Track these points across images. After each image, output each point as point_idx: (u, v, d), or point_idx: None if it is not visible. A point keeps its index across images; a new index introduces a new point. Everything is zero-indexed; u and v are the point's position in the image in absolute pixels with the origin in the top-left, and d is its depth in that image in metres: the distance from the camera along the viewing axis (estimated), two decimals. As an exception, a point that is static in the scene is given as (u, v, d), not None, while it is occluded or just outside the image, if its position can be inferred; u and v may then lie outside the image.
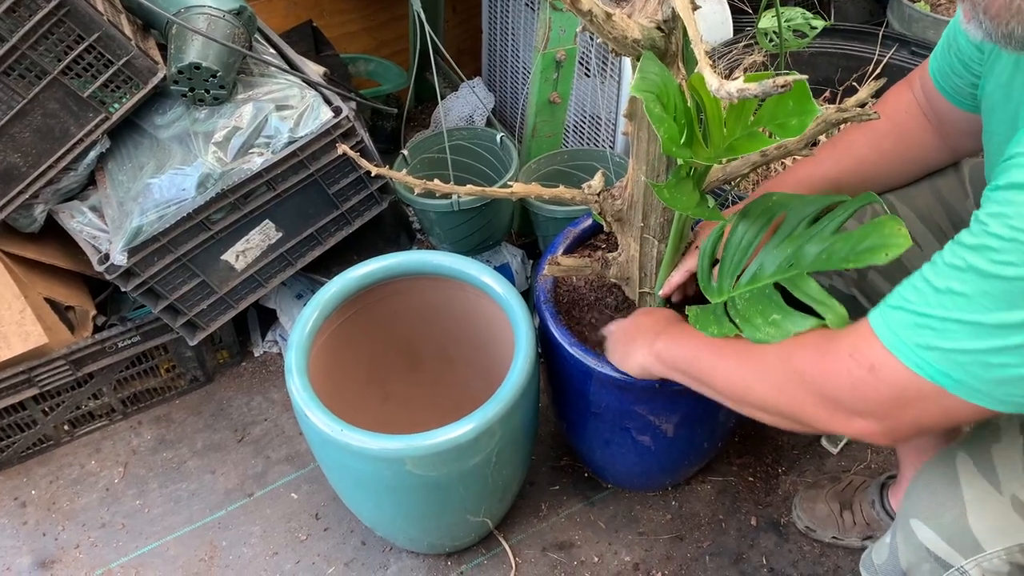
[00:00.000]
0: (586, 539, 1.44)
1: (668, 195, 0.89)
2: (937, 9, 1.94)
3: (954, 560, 0.84)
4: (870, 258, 0.82)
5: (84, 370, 1.54)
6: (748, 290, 0.95)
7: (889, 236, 0.82)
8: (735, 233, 1.00)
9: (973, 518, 0.82)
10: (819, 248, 0.90)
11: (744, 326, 0.90)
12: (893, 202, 1.11)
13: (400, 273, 1.32)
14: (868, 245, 0.83)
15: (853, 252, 0.85)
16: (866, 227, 0.84)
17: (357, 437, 1.08)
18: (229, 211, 1.45)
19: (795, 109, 0.79)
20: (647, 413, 1.21)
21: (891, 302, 0.76)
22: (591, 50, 1.68)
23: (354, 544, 1.45)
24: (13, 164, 1.39)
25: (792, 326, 0.86)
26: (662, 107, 0.82)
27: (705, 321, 0.95)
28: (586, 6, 0.78)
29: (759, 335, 0.87)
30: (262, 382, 1.75)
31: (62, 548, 1.48)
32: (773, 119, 0.81)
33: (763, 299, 0.92)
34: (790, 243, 0.93)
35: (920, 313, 0.72)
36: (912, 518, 0.87)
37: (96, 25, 1.30)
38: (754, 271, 0.96)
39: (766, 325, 0.88)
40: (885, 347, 0.74)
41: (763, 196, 0.99)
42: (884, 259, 0.80)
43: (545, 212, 1.56)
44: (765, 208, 0.99)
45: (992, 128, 0.89)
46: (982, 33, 0.73)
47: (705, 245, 1.02)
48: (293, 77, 1.51)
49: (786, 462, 1.55)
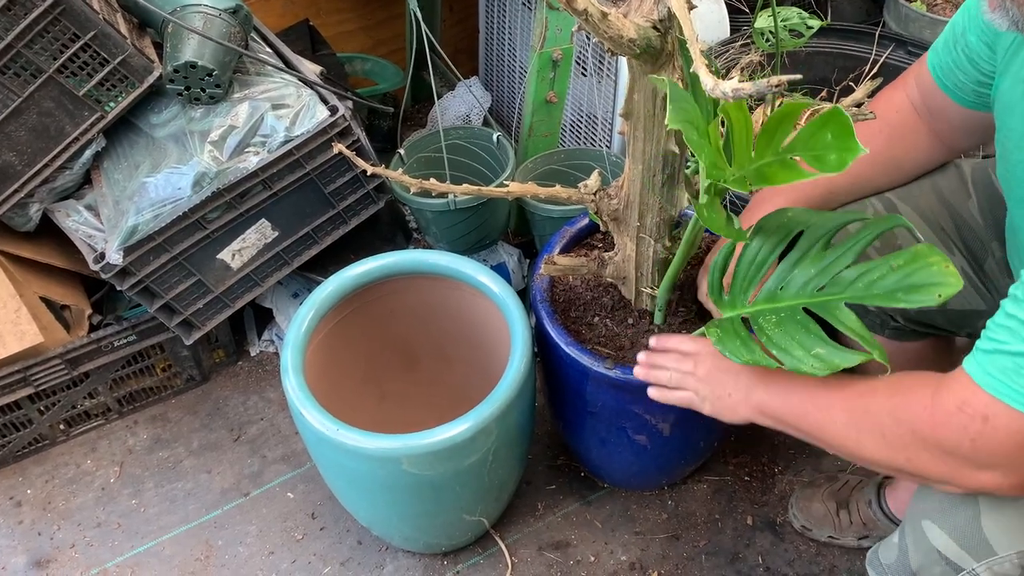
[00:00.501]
0: (582, 538, 1.45)
1: (707, 215, 0.88)
2: (933, 9, 1.94)
3: (965, 563, 0.83)
4: (921, 298, 0.79)
5: (80, 369, 1.54)
6: (770, 310, 0.93)
7: (939, 275, 0.79)
8: (749, 248, 0.98)
9: (986, 521, 0.82)
10: (856, 275, 0.87)
11: (783, 357, 0.87)
12: (895, 202, 1.10)
13: (396, 272, 1.32)
14: (916, 282, 0.81)
15: (900, 288, 0.81)
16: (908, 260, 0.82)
17: (353, 436, 1.08)
18: (225, 210, 1.45)
19: (834, 144, 0.75)
20: (643, 412, 1.21)
21: (984, 347, 0.75)
22: (588, 49, 1.68)
23: (350, 543, 1.45)
24: (8, 163, 1.38)
25: (840, 361, 0.83)
26: (697, 134, 0.80)
27: (732, 345, 0.91)
28: (582, 5, 0.78)
29: (804, 368, 0.84)
30: (258, 381, 1.75)
31: (58, 548, 1.48)
32: (809, 149, 0.78)
33: (796, 326, 0.89)
34: (812, 263, 0.91)
35: (1020, 353, 0.71)
36: (924, 519, 0.87)
37: (92, 23, 1.30)
38: (772, 289, 0.94)
39: (808, 358, 0.85)
40: (993, 396, 0.72)
41: (779, 211, 0.97)
42: (936, 301, 0.78)
43: (541, 211, 1.56)
44: (781, 224, 0.96)
45: (1010, 125, 0.88)
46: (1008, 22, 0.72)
47: (717, 259, 1.00)
48: (289, 76, 1.51)
49: (782, 461, 1.55)
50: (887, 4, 1.98)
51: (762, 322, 0.92)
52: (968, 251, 1.09)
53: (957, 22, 0.97)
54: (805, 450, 1.56)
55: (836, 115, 0.74)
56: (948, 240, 1.09)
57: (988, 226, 1.08)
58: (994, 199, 1.08)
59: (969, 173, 1.10)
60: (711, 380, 1.00)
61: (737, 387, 0.97)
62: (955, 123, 1.03)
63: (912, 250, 0.83)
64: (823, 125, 0.76)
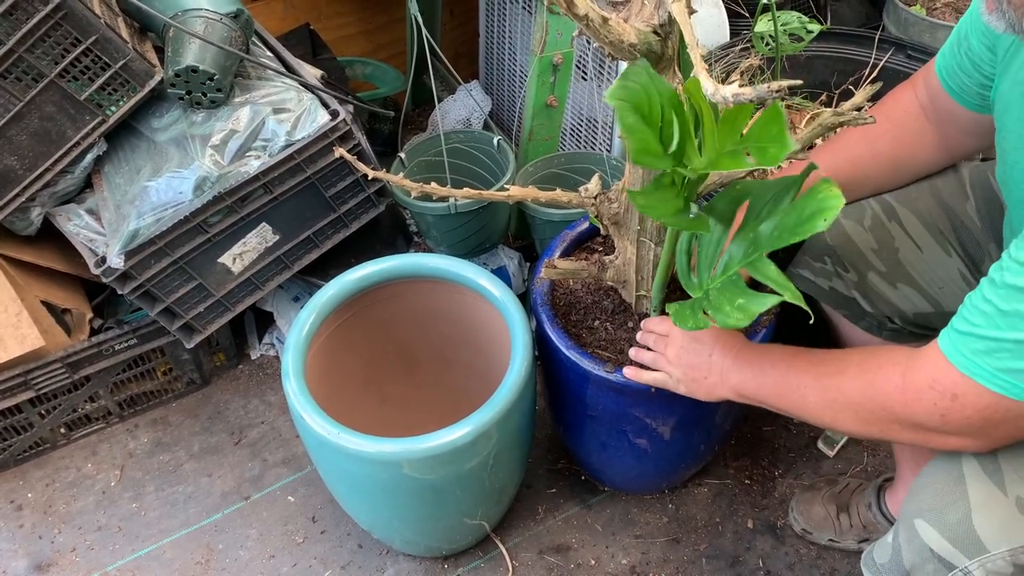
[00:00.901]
0: (583, 542, 1.45)
1: (643, 202, 0.88)
2: (933, 13, 1.94)
3: (958, 561, 0.84)
4: (811, 227, 0.82)
5: (80, 373, 1.54)
6: (720, 280, 0.95)
7: (824, 200, 0.81)
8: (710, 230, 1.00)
9: (978, 519, 0.82)
10: (771, 226, 0.90)
11: (716, 315, 0.90)
12: (893, 204, 1.11)
13: (397, 276, 1.33)
14: (806, 214, 0.83)
15: (799, 224, 0.84)
16: (805, 196, 0.84)
17: (354, 440, 1.08)
18: (226, 214, 1.45)
19: (776, 136, 0.77)
20: (644, 416, 1.21)
21: (958, 327, 0.78)
22: (588, 53, 1.69)
23: (351, 547, 1.45)
24: (9, 167, 1.38)
25: (756, 307, 0.86)
26: (639, 117, 0.81)
27: (683, 316, 0.94)
28: (582, 11, 0.78)
29: (730, 321, 0.87)
30: (259, 385, 1.75)
31: (58, 551, 1.47)
32: (757, 140, 0.80)
33: (732, 287, 0.92)
34: (749, 232, 0.94)
35: (992, 338, 0.74)
36: (916, 518, 0.87)
37: (93, 28, 1.30)
38: (725, 261, 0.97)
39: (734, 311, 0.88)
40: (964, 374, 0.76)
41: (729, 187, 1.00)
42: (823, 225, 0.80)
43: (542, 215, 1.56)
44: (732, 199, 0.98)
45: (1008, 126, 0.90)
46: (1005, 24, 0.73)
47: (680, 243, 1.03)
48: (290, 80, 1.51)
49: (782, 465, 1.55)
50: (887, 8, 1.98)
51: (710, 290, 0.96)
52: (966, 253, 1.09)
53: (962, 25, 0.98)
54: (805, 453, 1.56)
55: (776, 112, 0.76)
56: (946, 242, 1.09)
57: (985, 228, 1.08)
58: (992, 201, 1.08)
59: (967, 175, 1.11)
60: (681, 362, 1.05)
61: (711, 370, 1.02)
62: (961, 125, 1.04)
63: (812, 188, 0.84)
64: (770, 120, 0.77)
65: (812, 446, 1.58)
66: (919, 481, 0.90)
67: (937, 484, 0.87)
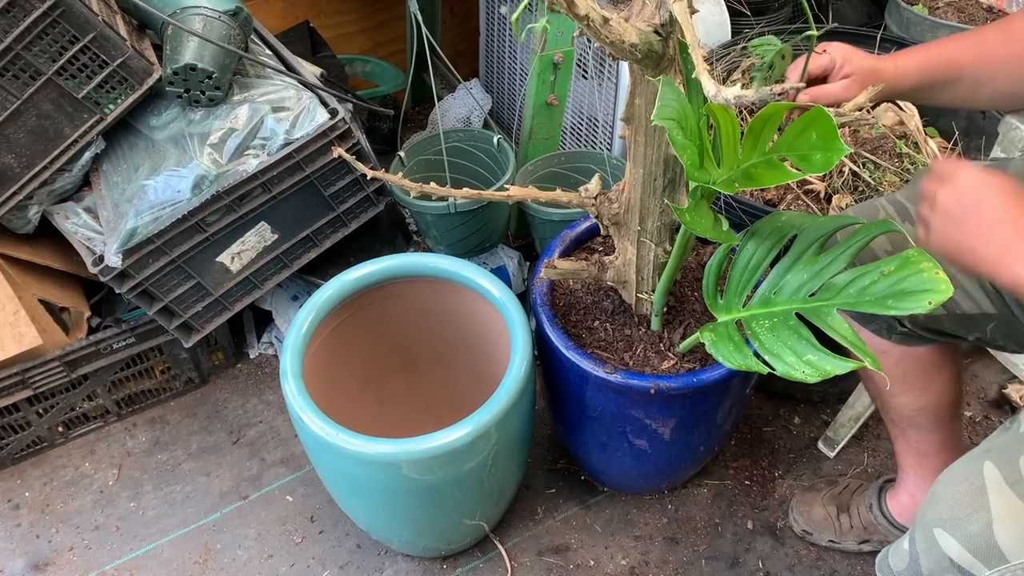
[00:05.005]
0: (582, 542, 1.44)
1: (690, 219, 0.88)
2: (935, 12, 1.94)
3: (977, 570, 0.83)
4: (911, 305, 0.79)
5: (78, 372, 1.54)
6: (763, 314, 0.93)
7: (929, 281, 0.79)
8: (744, 251, 0.98)
9: (999, 530, 0.82)
10: (847, 281, 0.87)
11: (775, 362, 0.87)
12: (906, 204, 1.09)
13: (396, 275, 1.32)
14: (907, 288, 0.80)
15: (891, 294, 0.81)
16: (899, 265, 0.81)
17: (352, 441, 1.07)
18: (224, 213, 1.44)
19: (819, 143, 0.75)
20: (643, 416, 1.20)
21: None
22: (589, 52, 1.68)
23: (349, 547, 1.45)
24: (7, 165, 1.38)
25: (831, 368, 0.83)
26: (683, 134, 0.80)
27: (725, 351, 0.92)
28: (583, 11, 0.77)
29: (795, 374, 0.85)
30: (257, 384, 1.75)
31: (56, 550, 1.47)
32: (794, 149, 0.78)
33: (788, 332, 0.89)
34: (805, 268, 0.91)
35: None
36: (936, 527, 0.87)
37: (91, 26, 1.30)
38: (765, 294, 0.94)
39: (801, 364, 0.85)
40: None
41: (773, 215, 0.97)
42: (927, 308, 0.77)
43: (542, 215, 1.56)
44: (775, 228, 0.97)
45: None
46: None
47: (711, 262, 1.01)
48: (289, 78, 1.50)
49: (782, 466, 1.55)
50: (889, 7, 1.97)
51: (755, 327, 0.93)
52: None
53: None
54: (805, 454, 1.56)
55: (820, 116, 0.74)
56: None
57: None
58: None
59: None
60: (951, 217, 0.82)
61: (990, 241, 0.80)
62: None
63: (903, 255, 0.82)
64: (807, 126, 0.76)
65: (812, 447, 1.57)
66: (938, 489, 0.89)
67: (957, 494, 0.86)
